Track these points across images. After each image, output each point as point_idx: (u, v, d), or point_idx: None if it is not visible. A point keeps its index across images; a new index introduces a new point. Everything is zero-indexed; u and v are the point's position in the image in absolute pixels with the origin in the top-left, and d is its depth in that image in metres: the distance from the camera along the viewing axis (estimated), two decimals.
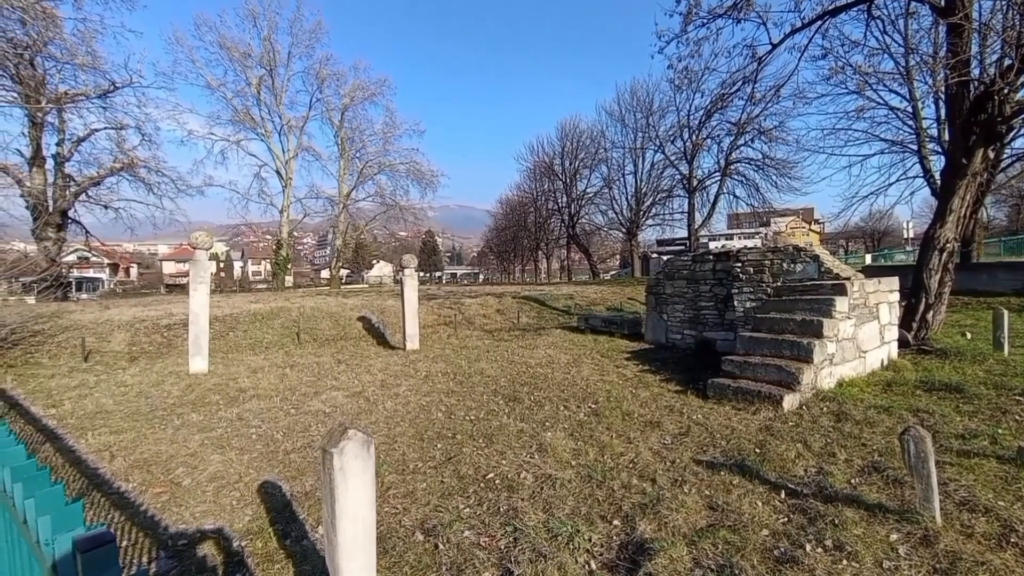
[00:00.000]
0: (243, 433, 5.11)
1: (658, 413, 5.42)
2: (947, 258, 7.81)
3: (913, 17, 12.78)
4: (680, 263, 9.52)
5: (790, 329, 6.23)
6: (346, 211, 34.31)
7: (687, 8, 9.77)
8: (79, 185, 21.32)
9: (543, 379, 7.15)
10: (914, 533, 2.89)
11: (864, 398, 5.45)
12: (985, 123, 7.37)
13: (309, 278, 76.99)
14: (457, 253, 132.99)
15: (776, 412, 5.20)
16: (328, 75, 31.90)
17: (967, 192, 7.79)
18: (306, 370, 8.24)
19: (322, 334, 12.07)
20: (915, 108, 15.46)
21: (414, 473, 4.10)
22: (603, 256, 51.74)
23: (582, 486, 3.76)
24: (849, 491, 3.46)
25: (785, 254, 7.80)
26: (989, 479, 3.50)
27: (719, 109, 19.91)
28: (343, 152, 33.89)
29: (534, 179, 44.31)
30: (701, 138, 29.42)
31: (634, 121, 35.00)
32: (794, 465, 3.95)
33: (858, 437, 4.40)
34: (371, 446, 1.96)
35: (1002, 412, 4.80)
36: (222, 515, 3.44)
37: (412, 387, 7.01)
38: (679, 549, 2.84)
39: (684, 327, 9.28)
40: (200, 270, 8.28)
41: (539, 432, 4.96)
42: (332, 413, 5.84)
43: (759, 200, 29.51)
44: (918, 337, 7.72)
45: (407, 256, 10.76)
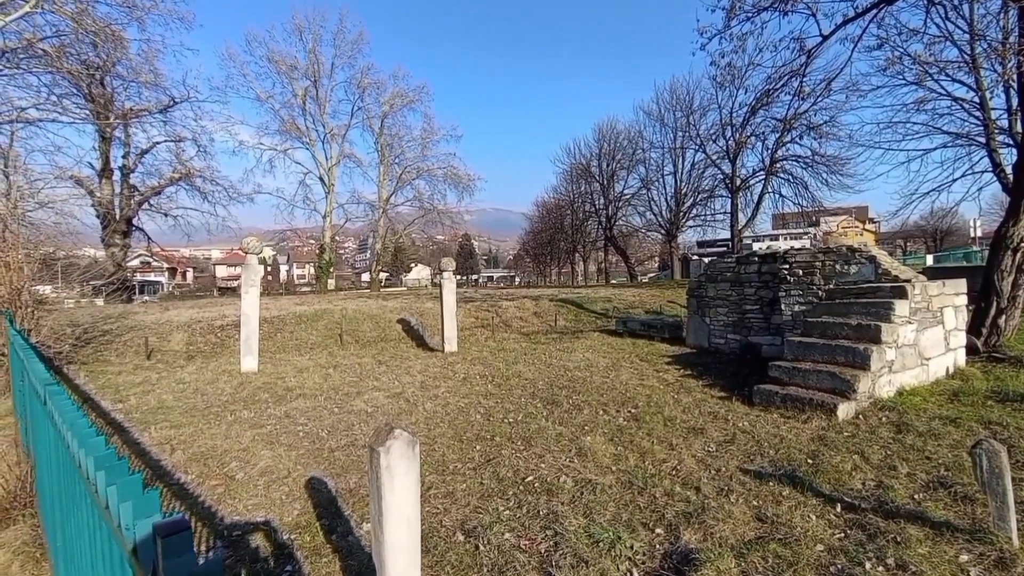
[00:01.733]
0: (291, 430, 5.31)
1: (701, 419, 5.26)
2: (1021, 258, 7.22)
3: (979, 1, 11.95)
4: (723, 265, 9.22)
5: (844, 334, 5.92)
6: (385, 215, 35.22)
7: (730, 3, 9.50)
8: (142, 195, 22.87)
9: (581, 383, 7.08)
10: (987, 554, 2.68)
11: (928, 408, 5.10)
12: None
13: (350, 281, 79.34)
14: (493, 256, 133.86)
15: (829, 421, 4.94)
16: (369, 84, 32.94)
17: None
18: (348, 371, 8.48)
19: (363, 336, 12.41)
20: (982, 98, 14.37)
21: (454, 474, 4.14)
22: (641, 258, 50.80)
23: (623, 492, 3.70)
24: (912, 507, 3.25)
25: (838, 255, 7.42)
26: None
27: (764, 105, 19.14)
28: (383, 158, 34.84)
29: (571, 181, 44.07)
30: (745, 136, 28.42)
31: (673, 120, 34.29)
32: (850, 478, 3.74)
33: (921, 450, 4.13)
34: (416, 446, 2.00)
35: None
36: (272, 508, 3.58)
37: (451, 389, 7.09)
38: (727, 561, 2.75)
39: (728, 331, 8.98)
40: (251, 274, 8.68)
41: (578, 436, 4.91)
42: (374, 413, 5.98)
43: (808, 199, 28.22)
44: (989, 343, 7.17)
45: (445, 259, 10.91)
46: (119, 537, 0.90)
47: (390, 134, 34.75)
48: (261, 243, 9.01)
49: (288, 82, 30.87)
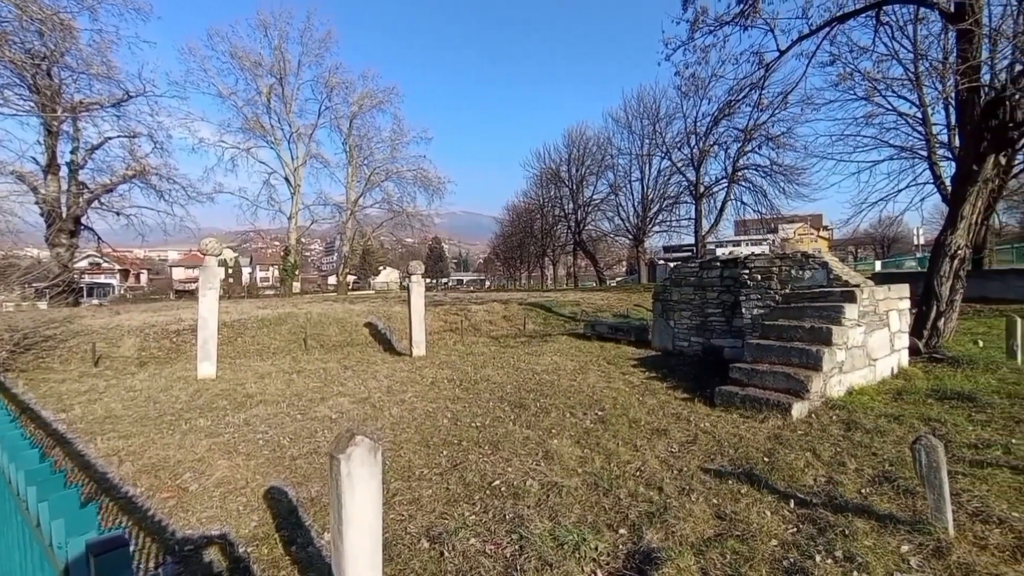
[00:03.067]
0: (250, 439, 5.13)
1: (665, 421, 5.39)
2: (958, 265, 7.72)
3: (922, 23, 12.73)
4: (687, 270, 9.48)
5: (799, 336, 6.18)
6: (353, 218, 34.59)
7: (694, 16, 9.82)
8: (92, 192, 21.69)
9: (549, 386, 7.13)
10: (926, 544, 2.84)
11: (874, 407, 5.38)
12: (996, 129, 7.31)
13: (316, 284, 77.37)
14: (463, 259, 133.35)
15: (785, 420, 5.14)
16: (337, 83, 32.34)
17: (978, 198, 7.71)
18: (313, 376, 8.27)
19: (329, 340, 12.13)
20: (925, 114, 15.36)
21: (420, 480, 4.09)
22: (609, 263, 51.69)
23: (588, 494, 3.74)
24: (859, 501, 3.41)
25: (793, 261, 7.74)
26: (1003, 490, 3.44)
27: (726, 116, 19.90)
28: (351, 159, 34.24)
29: (541, 186, 44.47)
30: (708, 145, 29.38)
31: (641, 128, 35.13)
32: (803, 474, 3.90)
33: (868, 446, 4.35)
34: (378, 452, 1.97)
35: (1016, 422, 4.72)
36: (228, 520, 3.45)
37: (418, 393, 7.02)
38: (687, 559, 2.81)
39: (691, 334, 9.23)
40: (209, 276, 8.37)
41: (545, 439, 4.94)
42: (338, 419, 5.85)
43: (767, 207, 29.38)
44: (929, 345, 7.62)
45: (414, 263, 10.80)
46: (51, 557, 0.85)
47: (359, 135, 34.24)
48: (221, 244, 8.69)
49: (252, 79, 30.01)
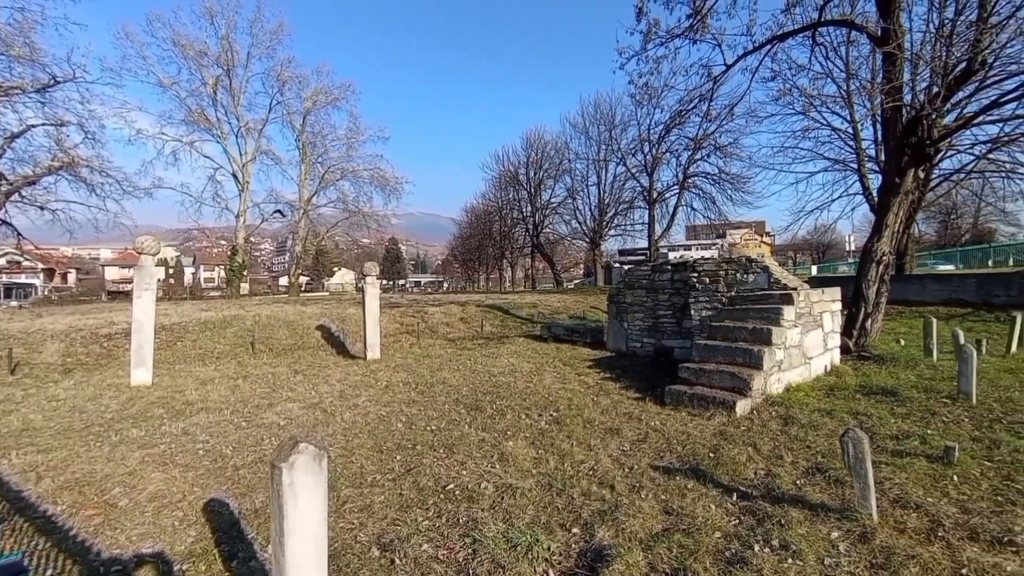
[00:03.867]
0: (189, 449, 4.85)
1: (618, 420, 5.51)
2: (883, 270, 8.35)
3: (853, 45, 13.72)
4: (640, 273, 9.76)
5: (742, 337, 6.49)
6: (307, 217, 33.45)
7: (647, 27, 10.15)
8: (11, 184, 19.87)
9: (506, 388, 7.15)
10: (853, 530, 3.04)
11: (809, 402, 5.73)
12: (916, 145, 7.97)
13: (266, 285, 74.18)
14: (421, 261, 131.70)
15: (729, 417, 5.38)
16: (289, 78, 31.18)
17: (900, 209, 8.38)
18: (260, 381, 7.92)
19: (278, 343, 11.65)
20: (855, 129, 16.54)
21: (372, 486, 3.99)
22: (567, 265, 52.48)
23: (542, 495, 3.77)
24: (795, 492, 3.61)
25: (738, 265, 8.13)
26: (920, 477, 3.74)
27: (678, 125, 20.69)
28: (304, 157, 33.10)
29: (499, 188, 44.58)
30: (661, 152, 30.42)
31: (597, 133, 35.90)
32: (745, 468, 4.09)
33: (803, 440, 4.62)
34: (324, 460, 1.90)
35: (931, 414, 5.15)
36: (162, 537, 3.24)
37: (372, 397, 6.86)
38: (635, 555, 2.89)
39: (644, 335, 9.50)
40: (145, 276, 7.85)
41: (501, 441, 4.94)
42: (287, 426, 5.63)
43: (715, 213, 30.73)
44: (858, 344, 8.20)
45: (368, 264, 10.56)
46: None
47: (312, 132, 33.16)
48: (159, 242, 8.18)
49: (197, 69, 28.41)
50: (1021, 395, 5.75)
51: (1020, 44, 8.21)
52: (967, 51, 7.15)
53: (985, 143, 11.95)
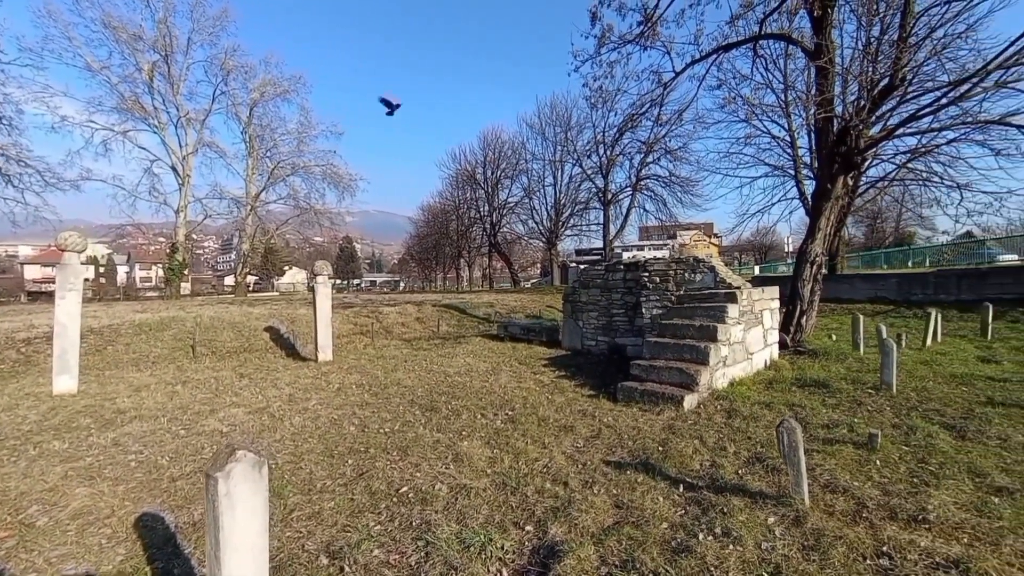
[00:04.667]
0: (119, 461, 4.53)
1: (572, 418, 5.60)
2: (817, 270, 8.92)
3: (791, 58, 14.58)
4: (594, 272, 9.96)
5: (690, 334, 6.76)
6: (254, 213, 31.97)
7: (600, 32, 10.36)
8: None
9: (461, 388, 7.11)
10: (788, 515, 3.23)
11: (751, 395, 6.04)
12: (845, 154, 8.56)
13: (211, 285, 70.32)
14: (377, 260, 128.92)
15: (678, 412, 5.59)
16: (235, 67, 29.68)
17: (832, 213, 8.97)
18: (201, 386, 7.50)
19: (222, 346, 11.07)
20: (792, 138, 17.59)
21: (321, 492, 3.87)
22: (524, 264, 52.85)
23: (497, 494, 3.78)
24: (737, 481, 3.80)
25: (687, 265, 8.45)
26: (847, 463, 4.03)
27: (630, 128, 21.23)
28: (251, 150, 31.61)
29: (456, 187, 44.29)
30: (615, 154, 31.19)
31: (554, 135, 36.35)
32: (692, 460, 4.27)
33: (745, 431, 4.86)
34: (263, 467, 1.82)
35: (858, 404, 5.55)
36: (87, 557, 3.01)
37: (323, 400, 6.65)
38: (587, 549, 2.95)
39: (598, 333, 9.71)
40: (70, 275, 7.26)
41: (456, 442, 4.91)
42: (230, 432, 5.36)
43: (666, 214, 31.83)
44: (794, 339, 8.72)
45: (320, 263, 10.22)
46: None
47: (260, 125, 31.72)
48: (86, 239, 7.56)
49: (130, 53, 26.50)
50: (934, 384, 6.30)
51: (935, 63, 8.98)
52: (889, 67, 7.75)
53: (905, 153, 13.00)
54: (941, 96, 7.56)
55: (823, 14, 8.09)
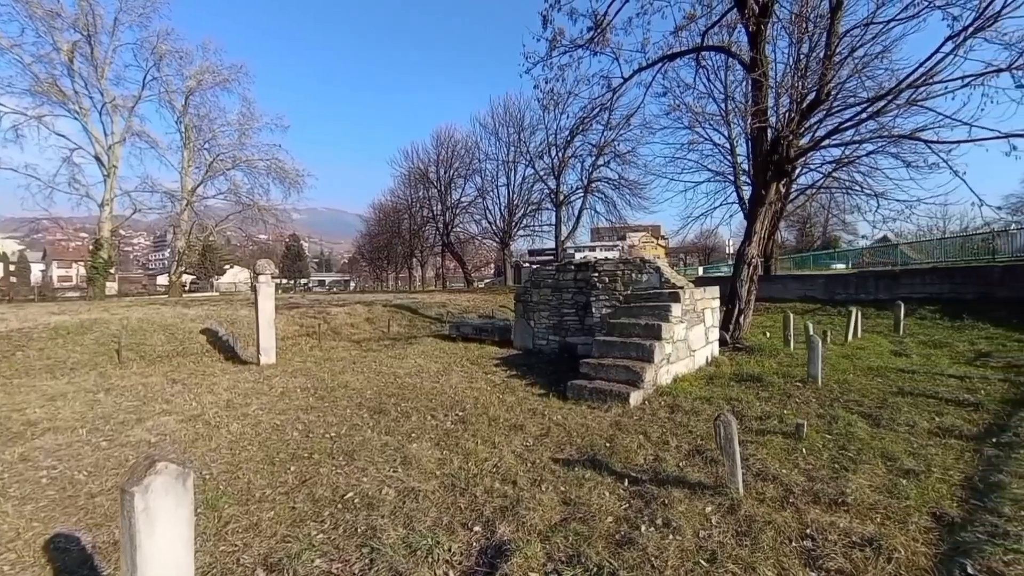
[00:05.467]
0: (28, 477, 4.13)
1: (522, 417, 5.64)
2: (753, 271, 9.46)
3: (731, 70, 15.37)
4: (545, 272, 10.09)
5: (636, 333, 6.98)
6: (191, 208, 30.03)
7: (552, 35, 10.50)
8: None
9: (411, 389, 7.01)
10: (723, 504, 3.41)
11: (692, 391, 6.31)
12: (778, 162, 9.12)
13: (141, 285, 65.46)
14: (326, 259, 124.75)
15: (624, 408, 5.75)
16: (168, 52, 27.71)
17: (766, 217, 9.54)
18: (128, 394, 6.98)
19: (152, 350, 10.34)
20: (732, 145, 18.55)
21: (260, 502, 3.69)
22: (478, 264, 52.73)
23: (445, 496, 3.75)
24: (678, 473, 3.96)
25: (634, 266, 8.72)
26: (777, 452, 4.29)
27: (581, 131, 21.71)
28: (187, 141, 29.66)
29: (409, 185, 43.57)
30: (567, 156, 31.72)
31: (507, 135, 36.47)
32: (636, 455, 4.40)
33: (686, 425, 5.08)
34: (188, 479, 1.71)
35: (787, 396, 5.93)
36: None
37: (265, 405, 6.35)
38: (534, 547, 2.97)
39: (549, 333, 9.84)
40: None
41: (405, 444, 4.83)
42: (159, 443, 5.01)
43: (616, 216, 32.71)
44: (733, 337, 9.20)
45: (262, 261, 9.76)
46: None
47: (198, 115, 29.81)
48: None
49: (47, 31, 24.16)
50: (854, 377, 6.83)
51: (856, 80, 9.75)
52: (816, 83, 8.33)
53: (831, 163, 14.04)
54: (861, 111, 8.22)
55: (758, 30, 8.59)
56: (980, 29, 6.77)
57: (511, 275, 38.40)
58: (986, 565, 2.65)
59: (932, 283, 13.97)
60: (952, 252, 17.53)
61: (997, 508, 3.23)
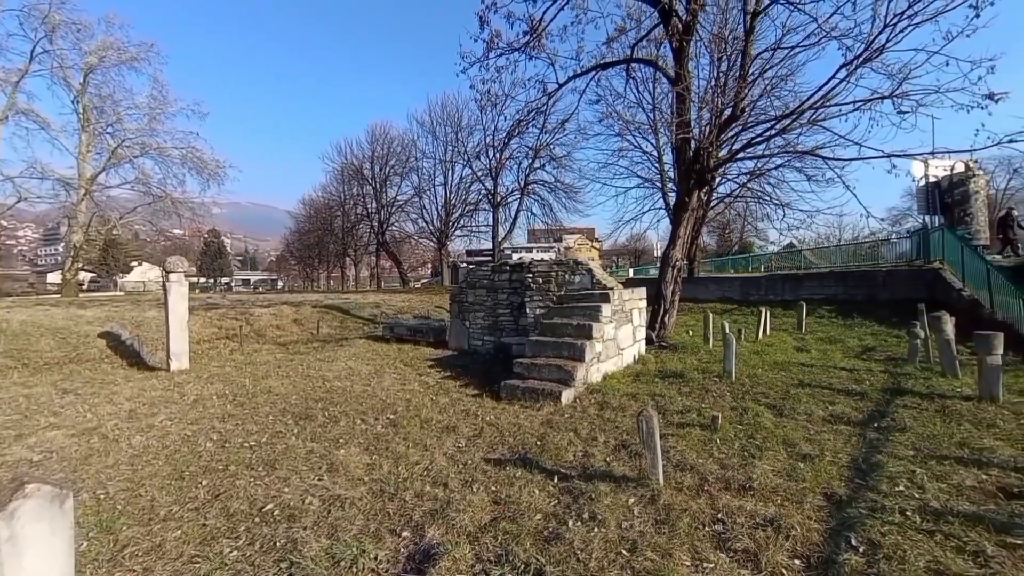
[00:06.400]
0: None
1: (455, 418, 5.61)
2: (677, 273, 10.03)
3: (658, 83, 16.19)
4: (481, 273, 10.10)
5: (568, 332, 7.16)
6: (90, 198, 26.94)
7: (489, 36, 10.52)
8: None
9: (341, 393, 6.75)
10: (645, 495, 3.58)
11: (620, 388, 6.58)
12: (699, 171, 9.73)
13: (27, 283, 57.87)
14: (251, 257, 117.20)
15: (556, 406, 5.89)
16: (63, 22, 24.70)
17: (689, 223, 10.15)
18: (5, 406, 6.16)
19: (39, 357, 9.20)
20: (659, 153, 19.56)
21: (166, 520, 3.40)
22: (415, 264, 51.78)
23: (374, 502, 3.65)
24: (605, 468, 4.11)
25: (567, 267, 8.95)
26: (694, 443, 4.58)
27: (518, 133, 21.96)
28: (86, 124, 26.58)
29: (342, 182, 41.94)
30: (504, 158, 31.93)
31: (444, 134, 36.12)
32: (566, 452, 4.52)
33: (614, 421, 5.29)
34: (67, 501, 1.53)
35: (705, 391, 6.35)
36: None
37: (175, 415, 5.85)
38: (463, 549, 2.97)
39: (485, 333, 9.86)
40: None
41: (332, 450, 4.65)
42: (44, 461, 4.47)
43: (552, 218, 33.39)
44: (659, 335, 9.70)
45: (173, 258, 8.97)
46: None
47: (99, 95, 26.78)
48: None
49: None
50: (763, 371, 7.44)
51: (766, 100, 10.63)
52: (732, 100, 8.98)
53: (746, 174, 15.19)
54: (770, 128, 8.98)
55: (681, 46, 9.13)
56: (868, 60, 7.62)
57: (448, 275, 38.02)
58: (866, 537, 2.98)
59: (829, 286, 15.53)
60: (846, 258, 19.59)
61: (876, 486, 3.65)
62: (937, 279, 12.50)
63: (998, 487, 3.56)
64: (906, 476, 3.77)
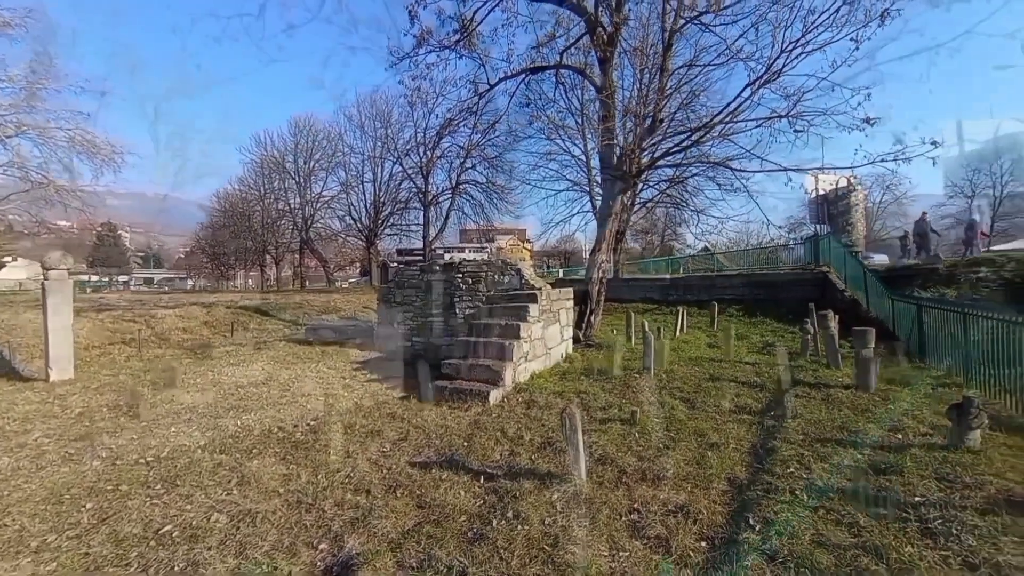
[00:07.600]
0: None
1: (380, 422, 5.45)
2: (603, 274, 10.44)
3: (586, 89, 16.74)
4: (410, 273, 9.90)
5: (497, 332, 7.21)
6: None
7: (420, 32, 10.35)
8: None
9: (256, 399, 6.32)
10: (568, 491, 3.68)
11: (548, 386, 6.73)
12: (623, 177, 10.20)
13: None
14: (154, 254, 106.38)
15: (484, 406, 5.90)
16: None
17: (614, 226, 10.61)
18: None
19: None
20: (587, 158, 20.24)
21: (38, 552, 3.00)
22: (342, 263, 49.48)
23: (289, 514, 3.45)
24: (530, 466, 4.18)
25: (497, 267, 9.00)
26: (615, 438, 4.79)
27: (450, 132, 21.75)
28: None
29: (262, 174, 39.16)
30: (435, 156, 31.50)
31: (373, 130, 34.96)
32: (493, 452, 4.55)
33: (540, 420, 5.39)
34: None
35: (627, 387, 6.66)
36: None
37: (54, 431, 5.18)
38: (384, 557, 2.90)
39: (414, 334, 9.67)
40: None
41: (243, 462, 4.33)
42: None
43: (484, 218, 33.42)
44: (586, 335, 10.05)
45: (54, 254, 7.93)
46: None
47: None
48: None
49: None
50: (679, 367, 7.94)
51: (683, 113, 11.35)
52: (652, 111, 9.51)
53: (666, 181, 16.13)
54: (686, 139, 9.60)
55: (606, 57, 9.52)
56: (768, 81, 8.39)
57: (377, 275, 36.79)
58: (761, 516, 3.28)
59: (738, 287, 16.88)
60: (753, 261, 21.39)
61: (771, 468, 4.02)
62: (826, 281, 14.00)
63: (868, 464, 4.06)
64: (796, 458, 4.19)
